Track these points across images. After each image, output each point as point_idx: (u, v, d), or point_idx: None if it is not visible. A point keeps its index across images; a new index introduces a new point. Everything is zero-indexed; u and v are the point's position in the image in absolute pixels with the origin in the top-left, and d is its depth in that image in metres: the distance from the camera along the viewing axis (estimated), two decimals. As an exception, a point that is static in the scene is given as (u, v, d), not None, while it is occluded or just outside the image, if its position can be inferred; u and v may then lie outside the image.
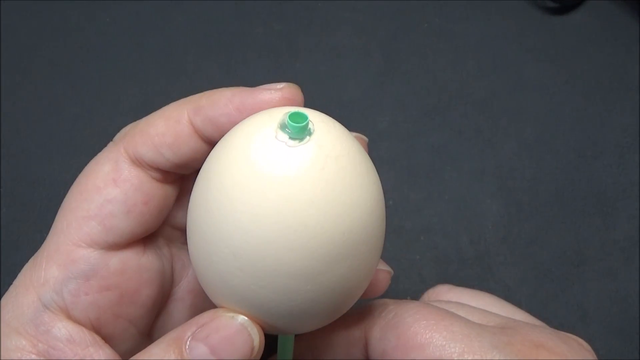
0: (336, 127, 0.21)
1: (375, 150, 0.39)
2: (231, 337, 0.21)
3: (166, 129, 0.23)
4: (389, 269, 0.26)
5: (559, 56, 0.43)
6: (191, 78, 0.42)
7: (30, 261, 0.24)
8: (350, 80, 0.42)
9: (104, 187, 0.23)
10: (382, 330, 0.25)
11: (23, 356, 0.22)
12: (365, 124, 0.40)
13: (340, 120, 0.23)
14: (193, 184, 0.22)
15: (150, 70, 0.42)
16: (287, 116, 0.20)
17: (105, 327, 0.24)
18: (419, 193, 0.38)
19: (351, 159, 0.21)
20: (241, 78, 0.42)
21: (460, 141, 0.40)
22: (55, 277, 0.23)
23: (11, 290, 0.24)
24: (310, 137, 0.20)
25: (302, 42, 0.43)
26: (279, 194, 0.20)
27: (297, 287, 0.20)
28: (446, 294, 0.30)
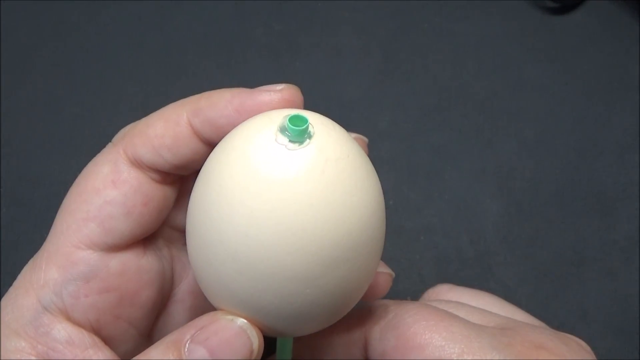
0: (336, 129, 0.21)
1: (375, 150, 0.39)
2: (230, 340, 0.21)
3: (165, 131, 0.23)
4: (390, 271, 0.26)
5: (559, 56, 0.43)
6: (191, 78, 0.42)
7: (30, 262, 0.24)
8: (350, 80, 0.42)
9: (103, 188, 0.23)
10: (381, 331, 0.25)
11: (22, 357, 0.22)
12: (365, 124, 0.40)
13: (340, 120, 0.22)
14: (193, 184, 0.22)
15: (150, 70, 0.42)
16: (287, 119, 0.20)
17: (105, 328, 0.24)
18: (419, 193, 0.38)
19: (351, 162, 0.21)
20: (241, 78, 0.42)
21: (460, 141, 0.40)
22: (55, 279, 0.23)
23: (11, 292, 0.24)
24: (310, 140, 0.20)
25: (302, 42, 0.43)
26: (278, 197, 0.20)
27: (296, 290, 0.20)
28: (446, 293, 0.30)
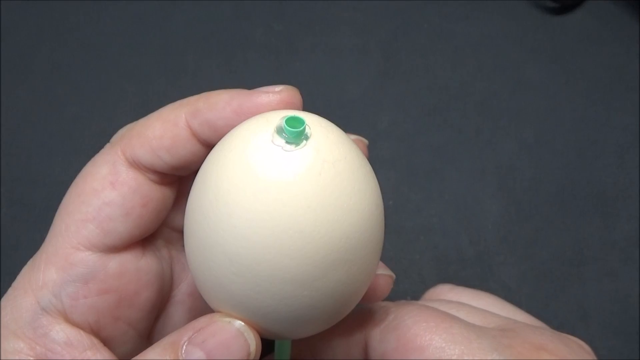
0: (334, 131, 0.21)
1: (375, 150, 0.39)
2: (227, 342, 0.21)
3: (163, 132, 0.23)
4: (391, 273, 0.26)
5: (559, 56, 0.43)
6: (191, 78, 0.42)
7: (29, 263, 0.24)
8: (350, 80, 0.42)
9: (101, 190, 0.23)
10: (382, 332, 0.25)
11: (21, 358, 0.22)
12: (365, 124, 0.40)
13: (340, 121, 0.22)
14: (191, 185, 0.22)
15: (150, 70, 0.42)
16: (284, 121, 0.20)
17: (104, 329, 0.24)
18: (419, 193, 0.38)
19: (349, 164, 0.21)
20: (241, 78, 0.42)
21: (460, 141, 0.40)
22: (54, 280, 0.23)
23: (10, 293, 0.24)
24: (307, 142, 0.20)
25: (302, 42, 0.43)
26: (276, 198, 0.19)
27: (294, 293, 0.20)
28: (447, 293, 0.30)
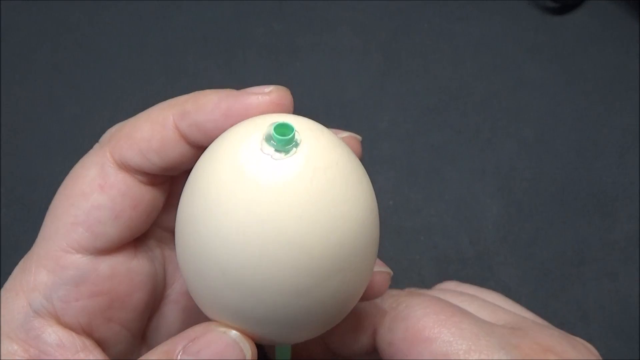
0: (325, 135, 0.21)
1: (375, 150, 0.39)
2: (222, 353, 0.21)
3: (152, 134, 0.23)
4: (388, 270, 0.26)
5: (559, 56, 0.43)
6: (191, 78, 0.42)
7: (20, 264, 0.24)
8: (350, 80, 0.42)
9: (90, 192, 0.23)
10: (391, 321, 0.25)
11: None
12: (365, 124, 0.40)
13: (340, 121, 0.22)
14: (183, 184, 0.22)
15: (150, 70, 0.42)
16: (272, 128, 0.20)
17: (97, 331, 0.24)
18: (419, 193, 0.38)
19: (341, 170, 0.20)
20: (241, 78, 0.42)
21: (460, 141, 0.40)
22: (45, 282, 0.23)
23: (2, 294, 0.23)
24: (296, 149, 0.20)
25: (302, 42, 0.43)
26: (266, 209, 0.19)
27: (288, 302, 0.20)
28: (454, 289, 0.30)
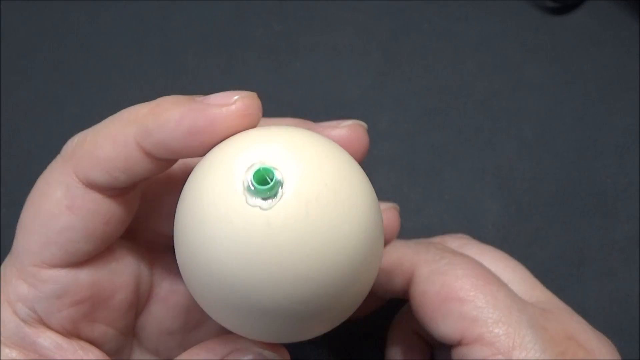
0: (305, 153, 0.19)
1: (375, 150, 0.39)
2: None
3: (115, 154, 0.22)
4: (393, 204, 0.27)
5: (559, 56, 0.43)
6: (191, 78, 0.42)
7: (2, 271, 0.24)
8: (350, 80, 0.42)
9: (59, 214, 0.22)
10: (431, 273, 0.25)
11: None
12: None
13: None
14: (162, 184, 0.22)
15: (150, 70, 0.42)
16: (252, 178, 0.19)
17: (83, 332, 0.24)
18: (419, 193, 0.38)
19: (332, 188, 0.19)
20: (241, 78, 0.42)
21: (460, 141, 0.40)
22: (26, 295, 0.23)
23: None
24: (282, 190, 0.19)
25: (302, 42, 0.43)
26: (263, 258, 0.19)
27: (290, 329, 0.21)
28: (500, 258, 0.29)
